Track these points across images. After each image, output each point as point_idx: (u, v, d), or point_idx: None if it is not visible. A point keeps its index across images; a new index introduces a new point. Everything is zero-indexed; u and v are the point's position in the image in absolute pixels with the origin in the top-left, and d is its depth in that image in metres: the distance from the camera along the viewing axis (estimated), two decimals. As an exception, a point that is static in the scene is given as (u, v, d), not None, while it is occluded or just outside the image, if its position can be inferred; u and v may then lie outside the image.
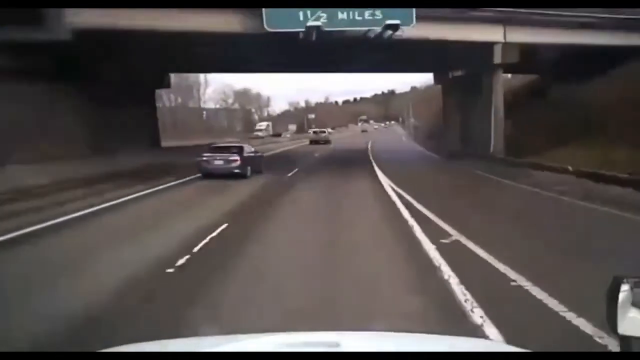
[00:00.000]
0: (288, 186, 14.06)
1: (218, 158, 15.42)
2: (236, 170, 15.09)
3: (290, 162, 21.66)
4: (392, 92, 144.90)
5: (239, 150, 16.08)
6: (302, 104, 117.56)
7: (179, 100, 68.27)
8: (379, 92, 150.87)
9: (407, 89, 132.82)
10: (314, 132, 46.01)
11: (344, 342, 1.59)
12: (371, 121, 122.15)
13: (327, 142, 40.44)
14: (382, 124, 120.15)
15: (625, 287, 1.18)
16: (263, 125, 72.81)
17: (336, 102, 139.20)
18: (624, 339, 1.17)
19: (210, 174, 15.04)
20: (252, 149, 17.74)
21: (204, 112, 71.73)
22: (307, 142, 43.85)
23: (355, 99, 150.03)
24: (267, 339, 1.72)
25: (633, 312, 1.17)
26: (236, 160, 15.24)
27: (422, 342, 1.73)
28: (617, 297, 1.17)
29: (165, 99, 60.46)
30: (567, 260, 5.79)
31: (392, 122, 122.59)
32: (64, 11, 12.43)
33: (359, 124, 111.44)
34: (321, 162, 23.39)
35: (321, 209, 10.45)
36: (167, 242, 6.94)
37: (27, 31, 11.80)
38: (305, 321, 3.92)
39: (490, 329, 3.58)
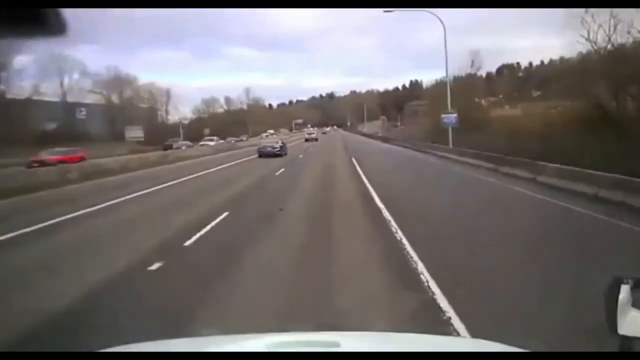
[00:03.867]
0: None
1: (268, 146, 30.25)
2: (277, 152, 28.93)
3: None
4: (331, 95, 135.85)
5: (277, 141, 32.69)
6: (223, 103, 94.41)
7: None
8: (317, 95, 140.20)
9: (346, 92, 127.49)
10: (308, 133, 65.16)
11: (343, 342, 1.59)
12: (309, 126, 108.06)
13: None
14: (329, 128, 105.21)
15: (625, 287, 1.18)
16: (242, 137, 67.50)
17: (270, 105, 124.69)
18: (624, 339, 1.17)
19: (262, 155, 28.51)
20: (282, 141, 32.80)
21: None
22: None
23: (290, 102, 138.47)
24: (267, 339, 1.72)
25: (633, 312, 1.17)
26: (277, 147, 29.74)
27: (421, 342, 1.73)
28: (617, 297, 1.17)
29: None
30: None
31: (334, 126, 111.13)
32: None
33: (294, 129, 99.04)
34: None
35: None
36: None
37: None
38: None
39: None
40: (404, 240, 6.78)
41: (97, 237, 7.88)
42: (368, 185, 13.48)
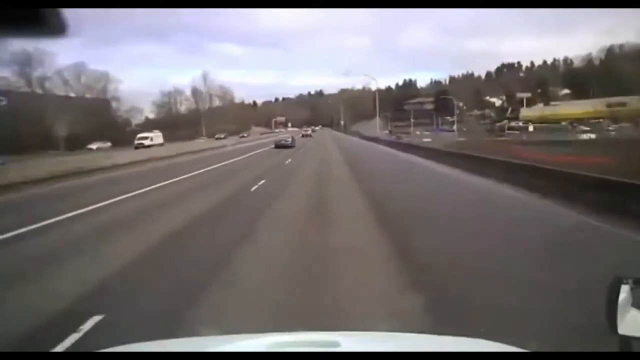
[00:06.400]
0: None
1: (283, 140, 38.44)
2: (289, 145, 36.72)
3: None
4: (320, 93, 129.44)
5: (289, 137, 40.74)
6: (188, 96, 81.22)
7: None
8: (305, 93, 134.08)
9: (335, 90, 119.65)
10: (305, 130, 73.81)
11: (343, 342, 1.59)
12: (289, 125, 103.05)
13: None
14: (318, 128, 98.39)
15: (625, 287, 1.18)
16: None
17: (254, 103, 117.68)
18: (624, 339, 1.17)
19: (278, 146, 36.09)
20: (292, 136, 41.50)
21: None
22: None
23: (276, 99, 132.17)
24: (266, 339, 1.72)
25: (633, 312, 1.17)
26: (289, 140, 38.31)
27: (421, 342, 1.74)
28: (617, 297, 1.17)
29: None
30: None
31: (320, 125, 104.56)
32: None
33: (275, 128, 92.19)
34: None
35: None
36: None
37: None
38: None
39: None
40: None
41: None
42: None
